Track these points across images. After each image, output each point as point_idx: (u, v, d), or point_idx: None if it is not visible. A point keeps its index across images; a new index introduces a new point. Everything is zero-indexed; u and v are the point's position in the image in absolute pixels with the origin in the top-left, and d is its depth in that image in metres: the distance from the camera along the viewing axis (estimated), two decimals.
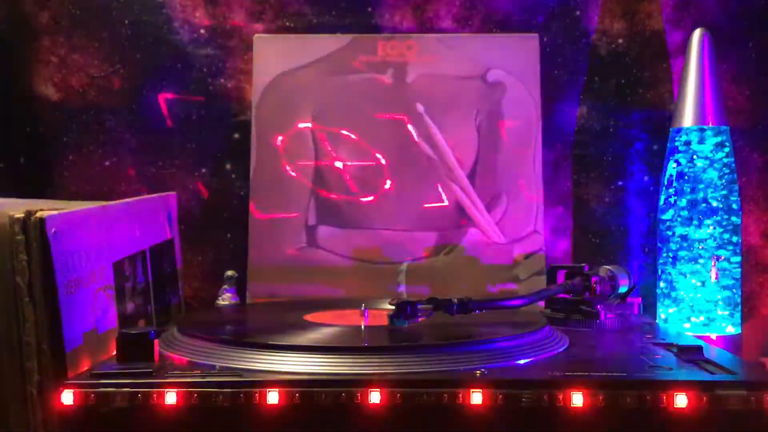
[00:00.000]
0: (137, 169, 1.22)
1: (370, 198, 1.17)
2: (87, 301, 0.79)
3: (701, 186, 1.08)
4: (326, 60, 1.19)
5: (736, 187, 1.09)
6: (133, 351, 0.72)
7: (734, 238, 1.08)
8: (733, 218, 1.08)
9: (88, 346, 0.78)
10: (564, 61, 1.22)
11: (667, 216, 1.10)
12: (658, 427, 0.65)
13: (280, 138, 1.18)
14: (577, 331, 0.91)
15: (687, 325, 1.07)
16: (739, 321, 1.08)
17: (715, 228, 1.07)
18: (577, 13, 1.22)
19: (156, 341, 0.74)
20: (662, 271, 1.11)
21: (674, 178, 1.10)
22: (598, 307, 0.93)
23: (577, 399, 0.65)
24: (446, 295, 0.83)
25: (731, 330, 1.07)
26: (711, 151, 1.08)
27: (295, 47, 1.19)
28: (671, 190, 1.10)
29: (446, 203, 1.17)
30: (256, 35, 1.20)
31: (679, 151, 1.09)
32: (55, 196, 1.20)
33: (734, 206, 1.08)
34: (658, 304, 1.12)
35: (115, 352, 0.73)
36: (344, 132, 1.18)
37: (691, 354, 0.75)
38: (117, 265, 0.87)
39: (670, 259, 1.09)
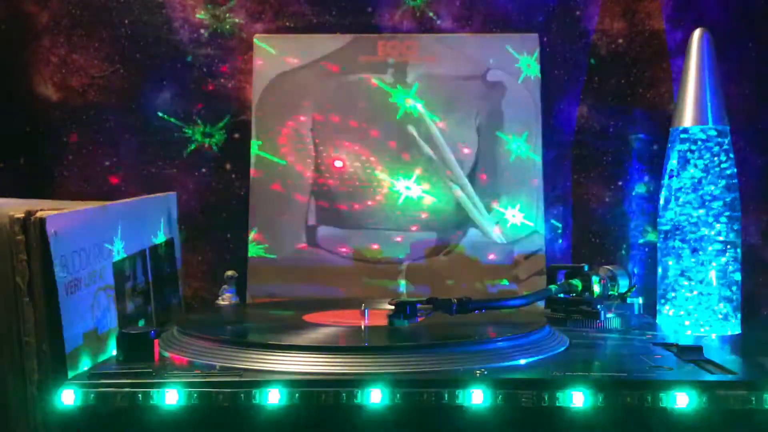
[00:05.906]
0: (137, 169, 1.22)
1: (371, 198, 1.17)
2: (87, 301, 0.79)
3: (701, 186, 1.08)
4: (326, 60, 1.19)
5: (737, 187, 1.09)
6: (133, 351, 0.72)
7: (734, 238, 1.07)
8: (734, 218, 1.08)
9: (88, 346, 0.78)
10: (564, 61, 1.22)
11: (667, 216, 1.10)
12: (658, 427, 0.65)
13: (280, 138, 1.18)
14: (577, 331, 0.91)
15: (687, 324, 1.07)
16: (739, 321, 1.08)
17: (715, 228, 1.07)
18: (577, 13, 1.22)
19: (156, 341, 0.74)
20: (662, 271, 1.11)
21: (674, 177, 1.10)
22: (598, 307, 0.93)
23: (577, 399, 0.65)
24: (446, 295, 0.83)
25: (731, 330, 1.07)
26: (711, 151, 1.08)
27: (295, 47, 1.19)
28: (671, 190, 1.10)
29: (446, 203, 1.17)
30: (256, 35, 1.20)
31: (679, 151, 1.09)
32: (55, 196, 1.20)
33: (734, 206, 1.08)
34: (658, 304, 1.12)
35: (115, 352, 0.73)
36: (344, 132, 1.18)
37: (691, 354, 0.75)
38: (117, 265, 0.88)
39: (670, 259, 1.09)
